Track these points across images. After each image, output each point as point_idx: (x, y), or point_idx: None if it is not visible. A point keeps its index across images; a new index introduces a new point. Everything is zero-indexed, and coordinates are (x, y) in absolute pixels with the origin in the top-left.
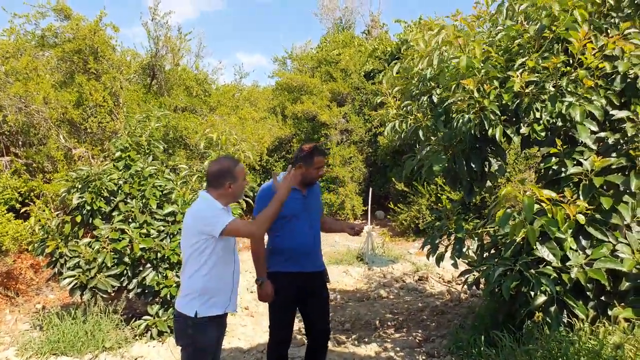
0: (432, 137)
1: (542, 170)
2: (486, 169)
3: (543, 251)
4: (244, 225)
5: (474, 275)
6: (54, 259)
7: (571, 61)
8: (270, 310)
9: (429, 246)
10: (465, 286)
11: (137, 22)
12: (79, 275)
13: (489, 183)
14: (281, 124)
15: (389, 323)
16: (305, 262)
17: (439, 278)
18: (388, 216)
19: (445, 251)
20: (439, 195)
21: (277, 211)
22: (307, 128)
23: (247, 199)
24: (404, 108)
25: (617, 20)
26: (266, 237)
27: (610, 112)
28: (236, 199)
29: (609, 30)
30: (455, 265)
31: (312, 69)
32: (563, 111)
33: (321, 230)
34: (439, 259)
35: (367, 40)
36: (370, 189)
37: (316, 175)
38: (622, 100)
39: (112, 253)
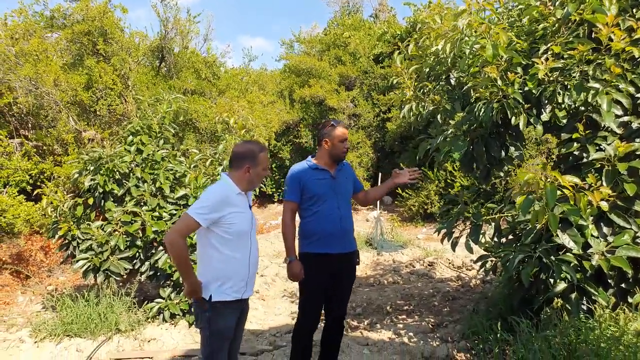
0: (450, 121)
1: (562, 156)
2: (503, 154)
3: (564, 238)
4: (179, 224)
5: (491, 261)
6: (66, 241)
7: (598, 46)
8: (300, 292)
9: (444, 231)
10: (480, 271)
11: (140, 4)
12: (92, 258)
13: (506, 168)
14: (289, 108)
15: (400, 308)
16: (334, 243)
17: (449, 264)
18: (396, 202)
19: (460, 236)
20: (448, 181)
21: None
22: (315, 112)
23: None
24: (421, 90)
25: None
26: (298, 219)
27: (636, 96)
28: (252, 186)
29: (634, 10)
30: (470, 250)
31: (320, 52)
32: (589, 99)
33: (368, 201)
34: (454, 244)
35: (375, 24)
36: (380, 174)
37: (342, 149)
38: None
39: (125, 236)
